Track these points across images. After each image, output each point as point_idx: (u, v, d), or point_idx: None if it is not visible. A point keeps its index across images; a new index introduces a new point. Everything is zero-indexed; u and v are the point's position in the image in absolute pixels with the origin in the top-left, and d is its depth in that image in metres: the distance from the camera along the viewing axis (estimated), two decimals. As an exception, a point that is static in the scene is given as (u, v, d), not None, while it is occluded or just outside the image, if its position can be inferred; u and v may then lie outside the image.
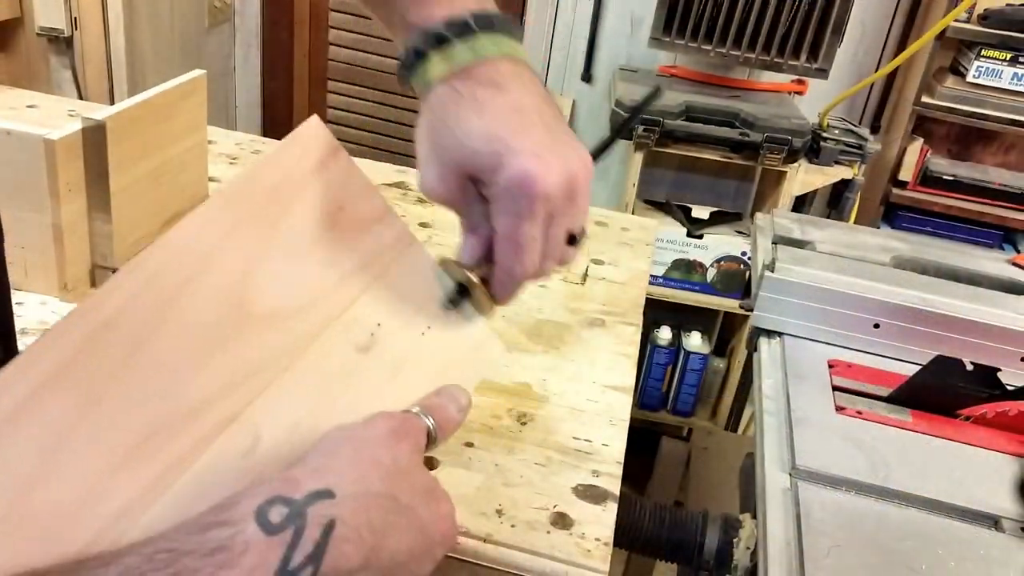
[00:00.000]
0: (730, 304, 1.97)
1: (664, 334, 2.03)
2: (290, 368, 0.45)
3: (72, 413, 0.36)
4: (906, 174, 2.10)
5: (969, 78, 1.95)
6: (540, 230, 0.47)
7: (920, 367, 0.79)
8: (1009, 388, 0.76)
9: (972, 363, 0.75)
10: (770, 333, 0.89)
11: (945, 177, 2.10)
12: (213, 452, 0.41)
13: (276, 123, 2.56)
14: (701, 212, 1.96)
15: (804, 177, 1.91)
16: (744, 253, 1.94)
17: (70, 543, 0.35)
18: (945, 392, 0.77)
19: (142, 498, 0.38)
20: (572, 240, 0.51)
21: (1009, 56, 1.91)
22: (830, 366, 0.83)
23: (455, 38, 0.47)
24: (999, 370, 0.76)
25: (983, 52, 1.92)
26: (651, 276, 1.47)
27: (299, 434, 0.44)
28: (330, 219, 0.49)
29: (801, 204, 2.06)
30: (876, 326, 0.86)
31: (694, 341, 2.04)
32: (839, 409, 0.76)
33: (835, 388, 0.80)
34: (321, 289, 0.48)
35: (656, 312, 2.02)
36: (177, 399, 0.40)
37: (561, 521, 0.62)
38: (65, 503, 0.35)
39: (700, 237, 1.94)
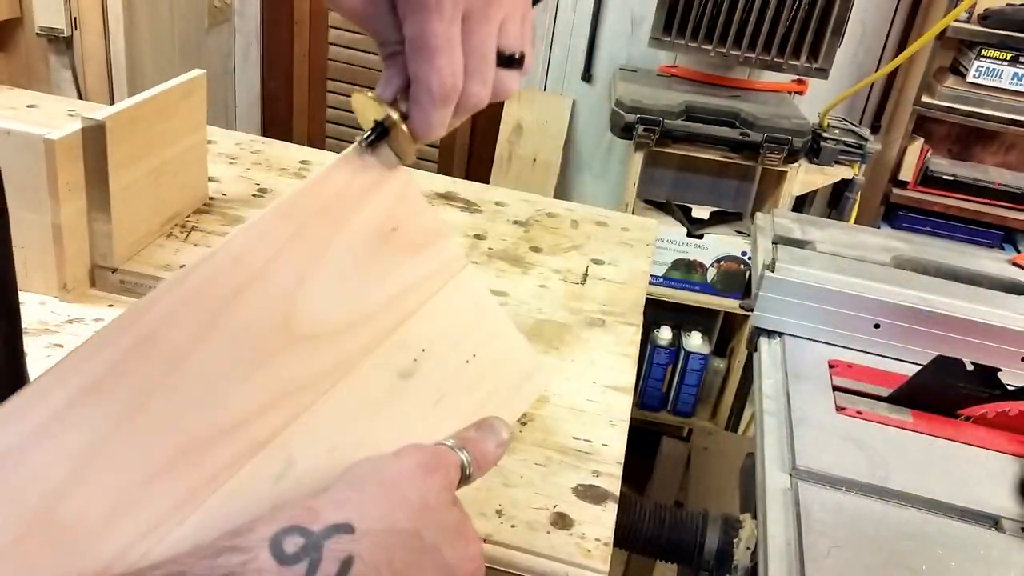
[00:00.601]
0: (730, 304, 1.97)
1: (664, 334, 2.03)
2: (331, 391, 0.44)
3: (107, 425, 0.35)
4: (906, 174, 2.10)
5: (969, 78, 1.95)
6: (452, 31, 0.41)
7: (920, 367, 0.79)
8: (1009, 388, 0.76)
9: (972, 363, 0.75)
10: (770, 333, 0.89)
11: (945, 177, 2.10)
12: (245, 474, 0.39)
13: (276, 123, 2.56)
14: (701, 212, 1.96)
15: (804, 177, 1.91)
16: (744, 253, 1.94)
17: (92, 559, 0.34)
18: (945, 392, 0.77)
19: (169, 517, 0.37)
20: (507, 62, 0.45)
21: (1009, 56, 1.91)
22: (830, 366, 0.83)
23: None
24: (999, 370, 0.76)
25: (983, 52, 1.92)
26: (651, 276, 1.47)
27: (333, 460, 0.42)
28: (383, 238, 0.47)
29: (801, 204, 2.06)
30: (876, 326, 0.86)
31: (694, 341, 2.04)
32: (839, 409, 0.76)
33: (835, 388, 0.80)
34: (369, 310, 0.46)
35: (656, 312, 2.02)
36: (213, 417, 0.39)
37: (561, 521, 0.62)
38: (92, 518, 0.35)
39: (700, 237, 1.94)
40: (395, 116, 0.44)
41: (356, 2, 0.43)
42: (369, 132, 0.45)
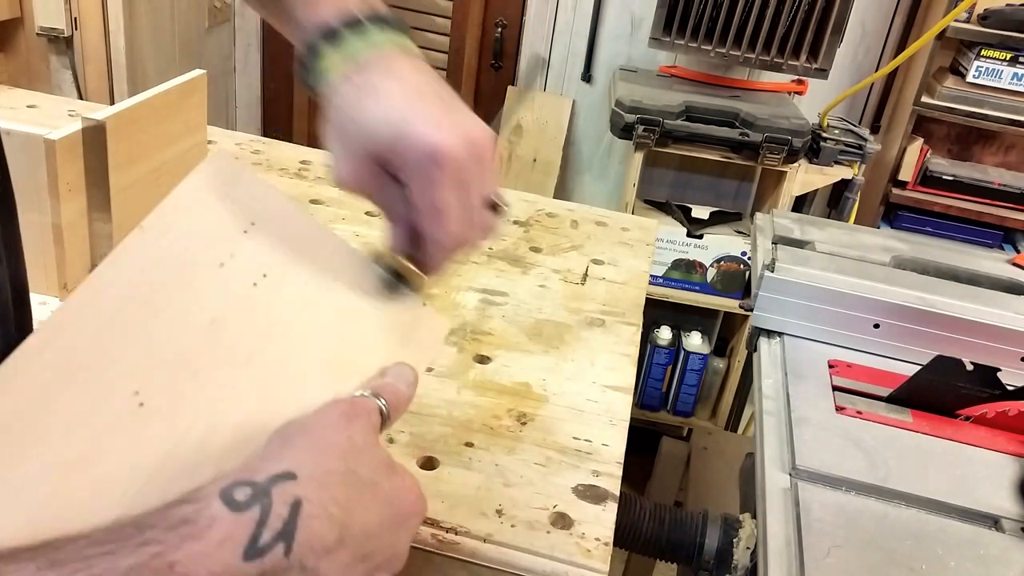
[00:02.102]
0: (730, 304, 1.97)
1: (664, 334, 2.03)
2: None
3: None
4: (906, 174, 2.10)
5: (969, 78, 1.95)
6: (456, 196, 0.49)
7: (920, 367, 0.79)
8: (1009, 388, 0.76)
9: (972, 363, 0.75)
10: (770, 333, 0.89)
11: (945, 177, 2.10)
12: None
13: (276, 123, 2.56)
14: (701, 212, 1.96)
15: (804, 177, 1.91)
16: (744, 253, 1.94)
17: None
18: (945, 392, 0.77)
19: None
20: (493, 208, 0.52)
21: (1009, 56, 1.91)
22: (830, 366, 0.83)
23: (348, 32, 0.50)
24: (999, 370, 0.76)
25: (983, 52, 1.92)
26: (651, 276, 1.47)
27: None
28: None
29: (801, 204, 2.06)
30: (876, 326, 0.86)
31: (694, 341, 2.04)
32: (839, 409, 0.76)
33: (835, 388, 0.80)
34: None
35: (656, 312, 2.02)
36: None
37: (561, 521, 0.62)
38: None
39: (700, 237, 1.94)
40: (406, 263, 0.54)
41: (356, 182, 0.50)
42: (390, 279, 0.55)
